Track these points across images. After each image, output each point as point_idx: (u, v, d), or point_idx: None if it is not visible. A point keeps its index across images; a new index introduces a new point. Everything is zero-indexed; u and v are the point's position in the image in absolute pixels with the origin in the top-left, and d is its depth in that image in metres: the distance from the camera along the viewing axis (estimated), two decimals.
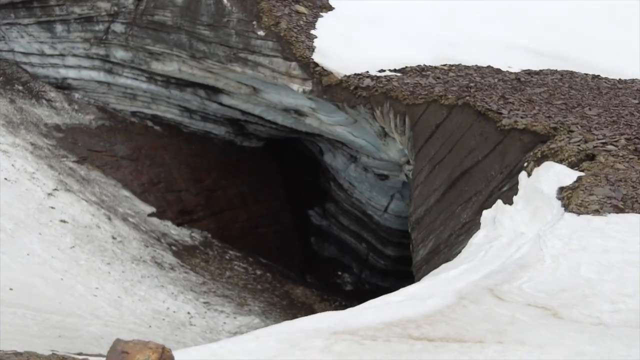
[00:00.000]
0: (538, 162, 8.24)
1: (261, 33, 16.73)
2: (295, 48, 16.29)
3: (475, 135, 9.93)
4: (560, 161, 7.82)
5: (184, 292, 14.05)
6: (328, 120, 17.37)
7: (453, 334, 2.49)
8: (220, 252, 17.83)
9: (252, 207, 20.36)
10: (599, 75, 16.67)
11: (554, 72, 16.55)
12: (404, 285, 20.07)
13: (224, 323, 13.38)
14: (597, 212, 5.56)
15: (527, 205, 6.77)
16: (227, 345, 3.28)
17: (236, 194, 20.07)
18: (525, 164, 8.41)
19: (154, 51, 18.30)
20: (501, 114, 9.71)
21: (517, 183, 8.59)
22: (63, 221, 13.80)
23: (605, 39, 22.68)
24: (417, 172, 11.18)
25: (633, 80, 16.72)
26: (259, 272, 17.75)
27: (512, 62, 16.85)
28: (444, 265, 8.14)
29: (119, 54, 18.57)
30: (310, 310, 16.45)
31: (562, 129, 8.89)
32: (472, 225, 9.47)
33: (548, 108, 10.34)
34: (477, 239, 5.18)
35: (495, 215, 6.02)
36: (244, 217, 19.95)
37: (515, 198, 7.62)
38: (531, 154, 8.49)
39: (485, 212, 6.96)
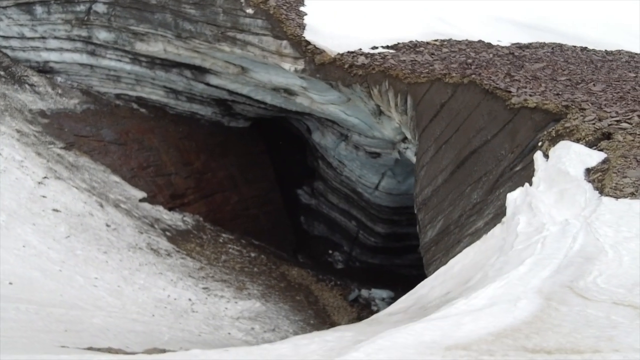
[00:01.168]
0: (553, 141, 8.18)
1: (250, 11, 16.38)
2: (285, 26, 15.99)
3: (483, 114, 9.84)
4: (577, 140, 7.76)
5: (182, 278, 13.88)
6: (320, 99, 17.16)
7: (566, 344, 2.40)
8: (214, 236, 17.65)
9: (243, 188, 20.14)
10: (587, 48, 16.74)
11: (542, 45, 16.54)
12: (394, 262, 20.28)
13: (226, 308, 13.27)
14: (633, 195, 5.52)
15: (551, 188, 6.70)
16: None
17: (226, 176, 19.83)
18: (540, 143, 8.33)
19: (138, 31, 17.82)
20: (510, 92, 9.62)
21: (530, 163, 8.55)
22: (56, 210, 13.47)
23: (587, 9, 22.75)
24: (423, 152, 11.08)
25: (619, 52, 16.81)
26: (253, 255, 17.64)
27: (501, 36, 16.81)
28: (464, 252, 8.11)
29: (102, 35, 18.04)
30: (307, 292, 16.45)
31: (573, 107, 8.83)
32: (484, 206, 9.44)
33: (554, 85, 10.28)
34: (521, 226, 5.08)
35: (530, 200, 5.93)
36: (235, 199, 19.74)
37: (534, 179, 7.56)
38: (545, 133, 8.42)
39: (510, 195, 6.87)
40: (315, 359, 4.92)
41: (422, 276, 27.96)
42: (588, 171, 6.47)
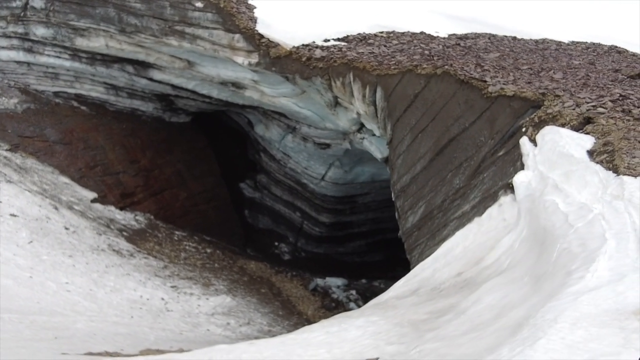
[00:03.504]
0: (537, 127, 8.72)
1: (199, 4, 16.18)
2: (237, 19, 15.92)
3: (460, 103, 10.29)
4: (562, 125, 8.32)
5: (150, 278, 13.66)
6: (272, 92, 17.21)
7: None
8: (168, 234, 17.40)
9: (190, 184, 19.90)
10: (516, 37, 17.73)
11: (477, 35, 17.36)
12: (338, 251, 20.78)
13: (199, 305, 13.20)
14: None
15: (553, 170, 7.17)
16: None
17: (173, 172, 19.51)
18: (524, 129, 8.85)
19: (79, 27, 17.16)
20: (485, 81, 10.12)
21: (513, 148, 9.09)
22: (13, 215, 12.87)
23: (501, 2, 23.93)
24: (398, 142, 11.43)
25: (544, 40, 17.91)
26: (209, 251, 17.54)
27: (437, 27, 17.48)
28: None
29: (40, 31, 17.23)
30: (270, 284, 16.57)
31: (549, 94, 9.43)
32: (468, 190, 9.91)
33: (520, 74, 10.90)
34: (563, 206, 5.46)
35: (554, 182, 6.36)
36: (184, 195, 19.49)
37: (528, 163, 8.06)
38: (527, 119, 8.94)
39: (519, 179, 7.30)
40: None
41: (364, 263, 28.41)
42: (591, 153, 6.99)
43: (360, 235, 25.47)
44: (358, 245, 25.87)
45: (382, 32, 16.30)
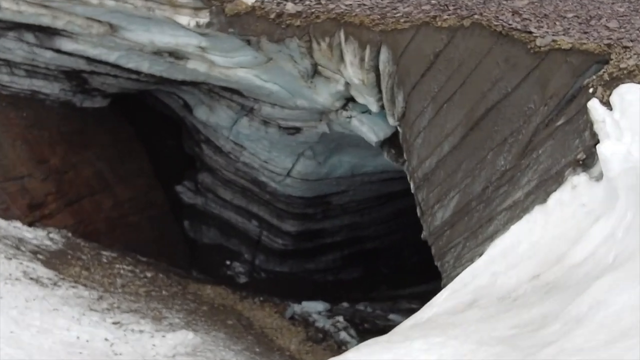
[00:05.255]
0: (608, 86, 8.87)
1: None
2: None
3: (498, 62, 10.36)
4: None
5: (85, 313, 13.35)
6: (225, 63, 16.99)
7: None
8: (95, 255, 17.07)
9: (116, 189, 19.56)
10: None
11: None
12: (307, 268, 21.33)
13: (154, 345, 12.95)
14: None
15: None
16: None
17: (93, 174, 19.14)
18: (591, 90, 8.98)
19: None
20: (531, 32, 10.22)
21: (577, 114, 9.22)
22: None
23: None
24: (416, 116, 11.43)
25: None
26: (149, 275, 17.29)
27: None
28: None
29: None
30: (237, 314, 16.48)
31: (615, 45, 9.60)
32: (517, 172, 9.99)
33: (569, 22, 11.06)
34: None
35: None
36: (109, 203, 19.16)
37: (604, 131, 8.17)
38: (594, 77, 9.08)
39: (606, 149, 7.38)
40: None
41: (339, 283, 28.71)
42: None
43: (334, 246, 25.58)
44: (331, 260, 25.98)
45: None
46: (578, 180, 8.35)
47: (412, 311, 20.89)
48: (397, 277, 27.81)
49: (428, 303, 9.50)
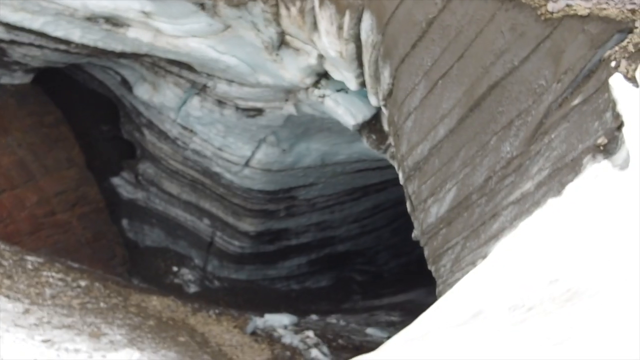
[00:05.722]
0: (632, 58, 8.95)
1: None
2: None
3: (502, 31, 10.40)
4: None
5: (8, 329, 13.21)
6: (173, 31, 16.89)
7: None
8: (18, 261, 16.92)
9: (42, 181, 19.44)
10: None
11: None
12: (267, 275, 21.67)
13: None
14: None
15: None
16: None
17: (13, 164, 18.98)
18: (613, 63, 9.05)
19: None
20: None
21: (596, 92, 9.29)
22: None
23: None
24: (406, 94, 11.43)
25: None
26: (83, 284, 17.19)
27: None
28: None
29: None
30: (189, 329, 16.44)
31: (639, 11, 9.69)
32: (526, 161, 10.05)
33: None
34: None
35: None
36: (33, 199, 19.04)
37: (627, 112, 8.26)
38: (616, 49, 9.15)
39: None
40: None
41: (306, 292, 29.03)
42: None
43: (300, 249, 25.68)
44: (296, 266, 26.09)
45: None
46: (597, 168, 8.42)
47: (392, 324, 21.17)
48: (372, 285, 28.04)
49: (423, 314, 9.51)
